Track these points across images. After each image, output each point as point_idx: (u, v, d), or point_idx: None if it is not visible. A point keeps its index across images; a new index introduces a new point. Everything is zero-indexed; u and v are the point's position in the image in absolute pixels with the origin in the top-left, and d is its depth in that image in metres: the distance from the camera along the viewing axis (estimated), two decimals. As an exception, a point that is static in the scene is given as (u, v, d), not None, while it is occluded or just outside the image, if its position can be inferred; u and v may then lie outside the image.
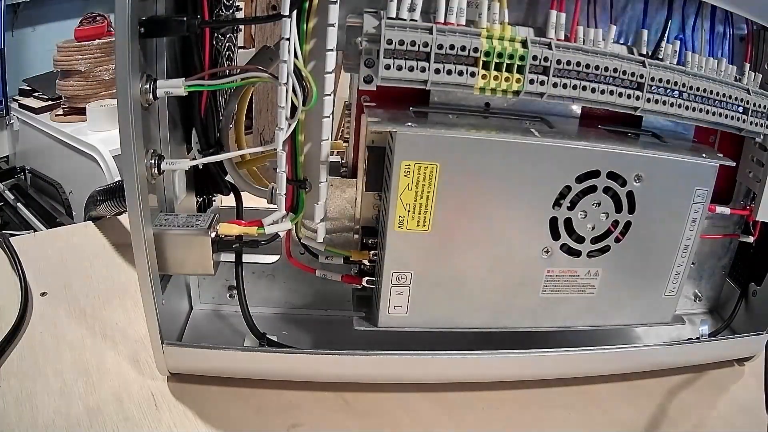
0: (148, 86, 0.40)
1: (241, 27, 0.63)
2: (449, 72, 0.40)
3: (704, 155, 0.47)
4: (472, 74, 0.40)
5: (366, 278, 0.48)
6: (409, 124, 0.41)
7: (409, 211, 0.42)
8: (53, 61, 1.61)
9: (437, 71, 0.40)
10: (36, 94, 1.81)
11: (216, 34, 0.46)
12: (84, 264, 0.65)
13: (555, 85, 0.42)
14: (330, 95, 0.41)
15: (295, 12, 0.38)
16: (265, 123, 1.06)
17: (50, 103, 1.73)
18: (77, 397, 0.47)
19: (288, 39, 0.38)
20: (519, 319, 0.48)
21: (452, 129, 0.42)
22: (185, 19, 0.41)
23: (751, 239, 0.56)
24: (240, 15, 0.52)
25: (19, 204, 1.72)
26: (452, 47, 0.39)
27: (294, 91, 0.40)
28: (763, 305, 0.57)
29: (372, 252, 0.47)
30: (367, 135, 0.45)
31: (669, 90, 0.45)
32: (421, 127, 0.41)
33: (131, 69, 0.38)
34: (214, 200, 0.56)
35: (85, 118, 1.54)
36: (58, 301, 0.58)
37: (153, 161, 0.43)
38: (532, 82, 0.41)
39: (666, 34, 0.46)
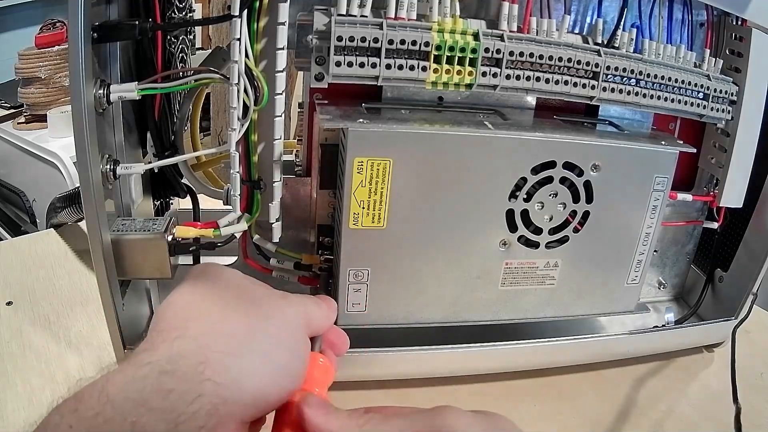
0: (102, 91, 0.40)
1: (197, 28, 0.63)
2: (400, 67, 0.40)
3: (663, 142, 0.47)
4: (424, 68, 0.40)
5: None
6: (361, 120, 0.41)
7: (363, 207, 0.42)
8: (14, 69, 1.59)
9: (388, 66, 0.40)
10: (-1, 103, 1.80)
11: (169, 37, 0.46)
12: (47, 272, 0.64)
13: (508, 77, 0.42)
14: (281, 94, 0.41)
15: (245, 12, 0.38)
16: (223, 124, 1.05)
17: (13, 111, 1.71)
18: (45, 406, 0.46)
19: (239, 39, 0.38)
20: (479, 312, 0.47)
21: (404, 124, 0.41)
22: (137, 23, 0.41)
23: (715, 225, 0.55)
24: (198, 16, 0.52)
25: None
26: (403, 42, 0.39)
27: (246, 91, 0.39)
28: (730, 291, 0.57)
29: (323, 257, 0.47)
30: (319, 133, 0.45)
31: (625, 78, 0.44)
32: (373, 123, 0.41)
33: (84, 75, 0.37)
34: (172, 203, 0.55)
35: (47, 125, 1.52)
36: (23, 310, 0.58)
37: (108, 166, 0.42)
38: (484, 74, 0.41)
39: (622, 22, 0.46)
